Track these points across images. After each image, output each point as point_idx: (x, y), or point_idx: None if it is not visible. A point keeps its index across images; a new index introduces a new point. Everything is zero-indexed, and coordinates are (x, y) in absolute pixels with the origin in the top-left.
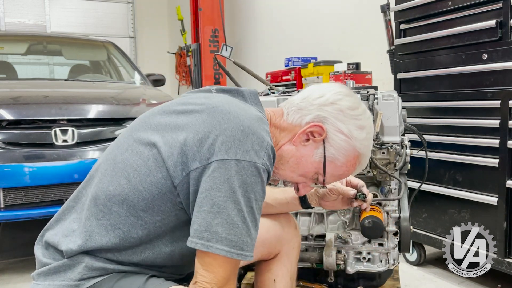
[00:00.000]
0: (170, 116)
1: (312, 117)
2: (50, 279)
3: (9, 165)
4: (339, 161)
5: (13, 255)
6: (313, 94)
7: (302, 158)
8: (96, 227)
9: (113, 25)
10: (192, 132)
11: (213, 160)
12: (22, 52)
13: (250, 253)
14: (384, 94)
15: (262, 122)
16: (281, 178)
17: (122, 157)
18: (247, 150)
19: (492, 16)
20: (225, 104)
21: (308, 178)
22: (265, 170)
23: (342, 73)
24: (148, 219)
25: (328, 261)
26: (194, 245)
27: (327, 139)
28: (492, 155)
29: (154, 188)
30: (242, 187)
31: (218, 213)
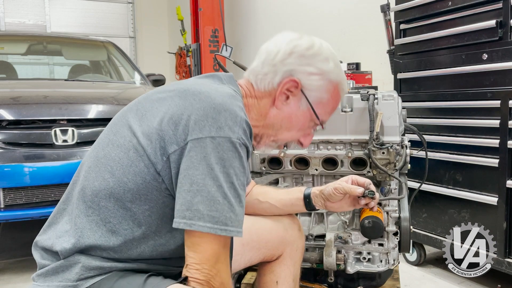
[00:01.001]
0: (145, 107)
1: (281, 76)
2: (49, 280)
3: (9, 165)
4: (325, 99)
5: (13, 255)
6: (269, 54)
7: (291, 115)
8: (87, 224)
9: (113, 25)
10: (166, 116)
11: (189, 140)
12: (22, 52)
13: (236, 228)
14: (384, 94)
15: (235, 98)
16: (284, 141)
17: (104, 152)
18: (220, 126)
19: (492, 16)
20: (196, 85)
21: (306, 128)
22: (241, 145)
23: None
24: (137, 209)
25: (328, 261)
26: (178, 225)
27: (303, 87)
28: (492, 155)
29: (138, 178)
30: (219, 163)
31: (198, 191)
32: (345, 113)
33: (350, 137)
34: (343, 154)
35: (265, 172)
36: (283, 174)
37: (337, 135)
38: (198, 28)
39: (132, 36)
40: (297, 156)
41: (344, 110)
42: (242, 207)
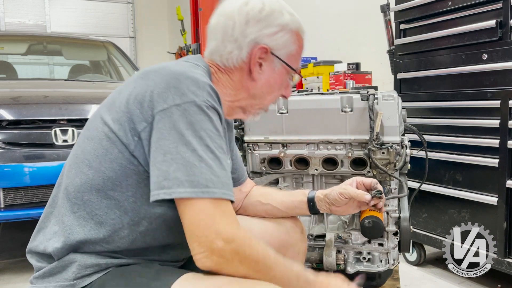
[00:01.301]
0: (114, 96)
1: (247, 48)
2: (47, 281)
3: (9, 165)
4: (293, 50)
5: (13, 255)
6: (226, 29)
7: (269, 80)
8: (74, 220)
9: (113, 25)
10: (131, 97)
11: (155, 113)
12: (22, 52)
13: (219, 189)
14: (384, 94)
15: (196, 68)
16: (268, 104)
17: (81, 148)
18: (184, 93)
19: (492, 16)
20: (157, 65)
21: (284, 84)
22: (209, 107)
23: (342, 73)
24: (120, 197)
25: (328, 261)
26: (157, 197)
27: (272, 49)
28: (492, 155)
29: (115, 165)
30: (190, 128)
31: (172, 159)
32: (345, 113)
33: (350, 137)
34: (343, 154)
35: (265, 172)
36: (283, 174)
37: (337, 135)
38: (198, 28)
39: (132, 36)
40: (297, 156)
41: (344, 110)
42: (224, 169)
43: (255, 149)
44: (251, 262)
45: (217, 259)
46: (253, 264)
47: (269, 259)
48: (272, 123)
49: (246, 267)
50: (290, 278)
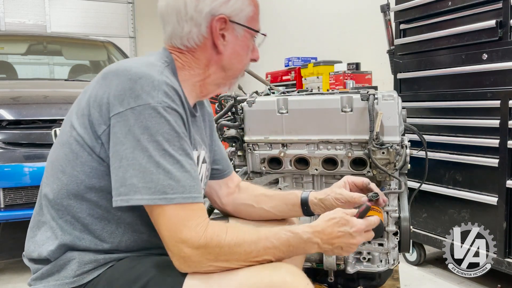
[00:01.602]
0: (80, 98)
1: (205, 23)
2: (46, 281)
3: (9, 165)
4: (251, 11)
5: (13, 255)
6: (179, 10)
7: (236, 48)
8: (63, 224)
9: (113, 25)
10: (91, 100)
11: (111, 116)
12: (22, 52)
13: (179, 194)
14: (384, 94)
15: (152, 64)
16: (240, 72)
17: (55, 154)
18: (138, 95)
19: (492, 16)
20: (118, 64)
21: (251, 47)
22: (166, 108)
23: (342, 73)
24: (97, 198)
25: (328, 261)
26: (116, 204)
27: (230, 17)
28: (492, 155)
29: (86, 168)
30: (145, 133)
31: (128, 165)
32: (345, 113)
33: (350, 137)
34: (343, 154)
35: (265, 172)
36: (283, 174)
37: (337, 135)
38: None
39: (132, 36)
40: (297, 156)
41: (344, 110)
42: (186, 171)
43: (255, 149)
44: (227, 256)
45: (191, 264)
46: (229, 256)
47: (248, 242)
48: (272, 123)
49: (224, 261)
50: (279, 248)
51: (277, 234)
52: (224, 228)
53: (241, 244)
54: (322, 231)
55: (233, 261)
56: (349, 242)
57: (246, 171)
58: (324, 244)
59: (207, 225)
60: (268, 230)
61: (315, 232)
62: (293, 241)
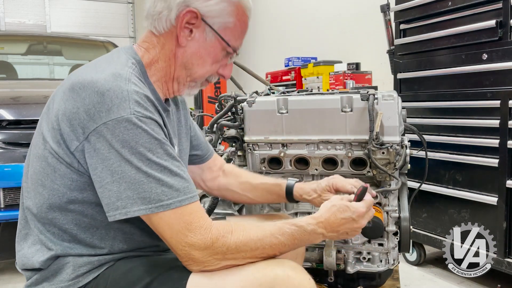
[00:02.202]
0: (50, 106)
1: (176, 9)
2: (40, 286)
3: (9, 165)
4: (231, 23)
5: (13, 255)
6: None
7: (200, 49)
8: (52, 237)
9: (113, 25)
10: (60, 114)
11: (87, 133)
12: (22, 52)
13: (175, 199)
14: (384, 94)
15: (118, 74)
16: (202, 79)
17: (32, 168)
18: (108, 109)
19: (492, 16)
20: (82, 71)
21: (219, 60)
22: (140, 118)
23: (342, 73)
24: (81, 207)
25: (328, 261)
26: (114, 218)
27: (204, 16)
28: (492, 155)
29: (67, 180)
30: (125, 147)
31: (120, 179)
32: (345, 113)
33: (350, 137)
34: (343, 154)
35: (265, 172)
36: (283, 174)
37: (337, 135)
38: None
39: (132, 36)
40: (297, 156)
41: (344, 110)
42: (175, 174)
43: (255, 149)
44: (234, 255)
45: (200, 264)
46: (236, 254)
47: (254, 240)
48: (272, 123)
49: (231, 259)
50: (284, 243)
51: (281, 229)
52: (229, 227)
53: (247, 243)
54: (326, 221)
55: (240, 259)
56: (353, 227)
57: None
58: (329, 233)
59: (211, 226)
60: (273, 225)
61: (319, 223)
62: (297, 235)
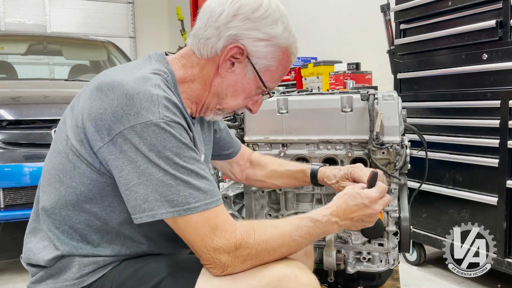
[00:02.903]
0: (74, 105)
1: (224, 41)
2: (45, 284)
3: (9, 165)
4: (273, 66)
5: (13, 255)
6: (212, 15)
7: (236, 83)
8: (60, 235)
9: (113, 25)
10: (85, 114)
11: (113, 135)
12: (22, 52)
13: (202, 202)
14: (384, 94)
15: (148, 78)
16: (230, 110)
17: (51, 163)
18: (137, 112)
19: (492, 16)
20: (111, 73)
21: (253, 95)
22: (168, 123)
23: (342, 73)
24: (97, 208)
25: (328, 261)
26: (140, 220)
27: (249, 54)
28: (492, 155)
29: (86, 179)
30: (153, 150)
31: (147, 181)
32: (345, 113)
33: (350, 137)
34: (343, 154)
35: None
36: None
37: (337, 135)
38: None
39: (132, 36)
40: (297, 156)
41: (344, 110)
42: (203, 177)
43: (255, 149)
44: (255, 258)
45: (225, 268)
46: (259, 256)
47: (274, 246)
48: (272, 123)
49: (253, 262)
50: (302, 242)
51: (298, 228)
52: (252, 230)
53: (267, 248)
54: (338, 209)
55: (259, 262)
56: (367, 213)
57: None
58: (343, 221)
59: (236, 230)
60: (291, 226)
61: (333, 212)
62: (313, 231)
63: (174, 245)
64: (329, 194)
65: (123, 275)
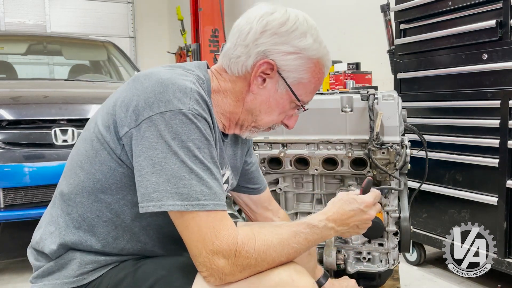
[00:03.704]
0: (109, 98)
1: (254, 58)
2: (46, 279)
3: (9, 165)
4: (305, 79)
5: (13, 255)
6: (241, 34)
7: (269, 99)
8: (69, 222)
9: (113, 25)
10: (119, 100)
11: (141, 120)
12: (22, 52)
13: (211, 201)
14: (384, 94)
15: (185, 75)
16: (265, 126)
17: (76, 149)
18: (169, 100)
19: (492, 16)
20: (149, 70)
21: (288, 110)
22: (196, 116)
23: (342, 73)
24: (111, 199)
25: (328, 261)
26: (146, 209)
27: (280, 68)
28: (492, 155)
29: (105, 167)
30: (176, 139)
31: (161, 170)
32: (345, 113)
33: (350, 137)
34: (343, 154)
35: (265, 172)
36: (283, 174)
37: (337, 135)
38: (198, 28)
39: (132, 36)
40: (297, 156)
41: (344, 110)
42: (215, 179)
43: (255, 149)
44: (254, 267)
45: (225, 277)
46: (258, 264)
47: (273, 255)
48: None
49: (251, 271)
50: (300, 248)
51: (296, 235)
52: (252, 239)
53: (266, 258)
54: (334, 214)
55: (257, 271)
56: (362, 218)
57: None
58: (339, 227)
59: (237, 236)
60: (289, 232)
61: (329, 217)
62: (311, 237)
63: (178, 247)
64: (329, 194)
65: (120, 275)
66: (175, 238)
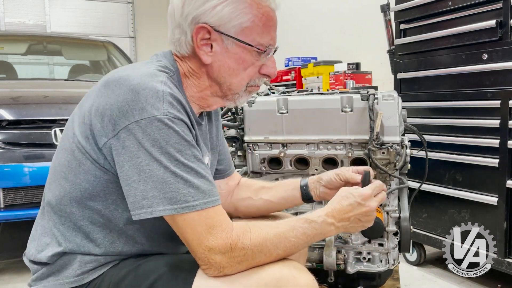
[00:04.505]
0: (83, 103)
1: (189, 31)
2: (46, 281)
3: (9, 165)
4: (246, 21)
5: (13, 255)
6: (171, 16)
7: (226, 60)
8: (65, 231)
9: (113, 25)
10: (93, 109)
11: (118, 130)
12: (22, 52)
13: (201, 200)
14: (384, 94)
15: (154, 75)
16: (239, 87)
17: (57, 159)
18: (142, 108)
19: (492, 16)
20: (119, 70)
21: (253, 62)
22: (172, 119)
23: (342, 73)
24: (101, 206)
25: (328, 261)
26: (138, 217)
27: (216, 26)
28: (492, 155)
29: (90, 176)
30: (155, 146)
31: (147, 178)
32: (345, 113)
33: (350, 137)
34: (343, 154)
35: (265, 172)
36: (283, 174)
37: (337, 135)
38: None
39: (132, 36)
40: (297, 156)
41: (344, 110)
42: (203, 177)
43: (255, 149)
44: (252, 258)
45: (220, 269)
46: (255, 257)
47: (269, 247)
48: (272, 123)
49: (250, 263)
50: (298, 243)
51: (294, 229)
52: (248, 233)
53: (262, 249)
54: (333, 210)
55: (255, 263)
56: (363, 212)
57: (246, 171)
58: (340, 222)
59: (232, 230)
60: (287, 227)
61: (328, 213)
62: (309, 232)
63: (175, 244)
64: None
65: (121, 273)
66: (171, 236)
